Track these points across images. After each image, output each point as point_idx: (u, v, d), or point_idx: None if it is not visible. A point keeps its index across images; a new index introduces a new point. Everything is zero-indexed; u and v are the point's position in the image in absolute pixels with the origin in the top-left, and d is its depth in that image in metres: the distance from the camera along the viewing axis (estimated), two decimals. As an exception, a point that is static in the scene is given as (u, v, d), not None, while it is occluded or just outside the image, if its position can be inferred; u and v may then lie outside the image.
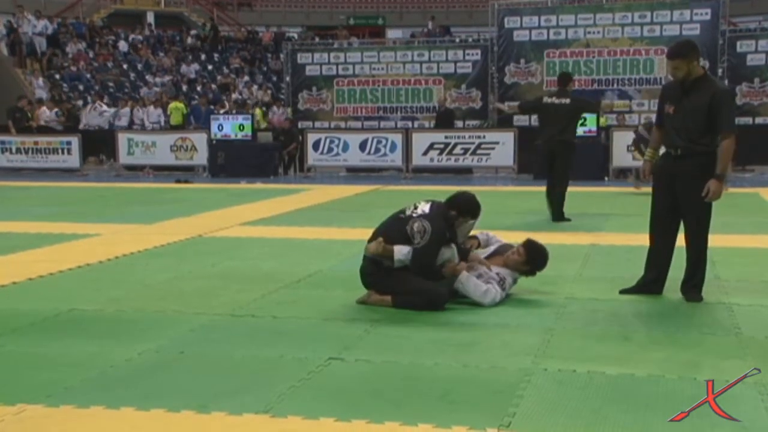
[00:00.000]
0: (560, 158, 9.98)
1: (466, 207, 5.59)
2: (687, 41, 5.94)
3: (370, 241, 5.61)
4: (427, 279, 5.45)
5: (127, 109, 22.01)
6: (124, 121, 21.67)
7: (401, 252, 5.41)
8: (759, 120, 18.34)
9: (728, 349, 4.52)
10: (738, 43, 18.56)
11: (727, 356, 4.40)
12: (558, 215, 9.95)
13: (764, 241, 8.27)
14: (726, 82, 18.39)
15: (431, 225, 5.39)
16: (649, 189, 6.11)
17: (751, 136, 17.22)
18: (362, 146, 18.41)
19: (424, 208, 5.57)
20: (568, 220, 9.85)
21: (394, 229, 5.54)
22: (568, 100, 10.04)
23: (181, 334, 4.93)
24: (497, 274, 5.68)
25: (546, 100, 10.35)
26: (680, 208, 5.72)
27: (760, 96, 18.47)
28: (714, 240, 7.93)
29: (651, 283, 5.88)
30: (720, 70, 18.45)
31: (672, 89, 5.85)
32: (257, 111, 21.81)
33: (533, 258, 5.79)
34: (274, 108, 22.24)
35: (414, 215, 5.50)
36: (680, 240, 5.88)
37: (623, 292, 5.91)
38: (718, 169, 5.53)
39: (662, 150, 5.99)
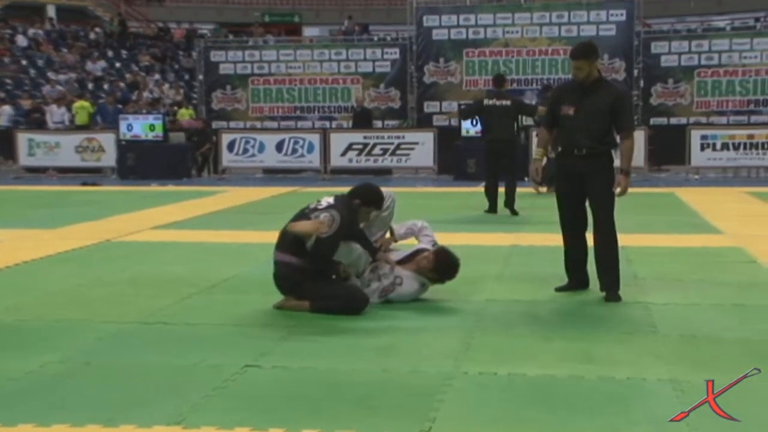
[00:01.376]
0: (507, 157, 10.73)
1: (368, 197, 5.71)
2: (589, 43, 6.27)
3: (277, 243, 5.59)
4: (325, 268, 5.51)
5: (6, 107, 21.37)
6: (4, 120, 21.04)
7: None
8: (673, 120, 18.92)
9: (645, 348, 4.65)
10: (652, 45, 19.14)
11: (644, 354, 4.52)
12: (513, 209, 10.73)
13: (680, 240, 8.54)
14: (641, 82, 18.99)
15: (339, 214, 5.44)
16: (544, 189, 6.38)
17: (666, 136, 17.82)
18: (279, 147, 18.30)
19: (329, 200, 5.62)
20: (517, 213, 10.65)
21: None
22: (509, 102, 10.77)
23: (87, 344, 4.80)
24: (396, 277, 5.71)
25: (487, 102, 10.97)
26: (589, 204, 6.01)
27: (674, 96, 19.07)
28: (631, 239, 8.18)
29: (580, 283, 6.14)
30: (636, 71, 19.00)
31: (568, 91, 6.20)
32: (183, 111, 21.38)
33: (441, 268, 5.80)
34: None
35: (319, 207, 5.53)
36: (589, 241, 6.05)
37: (559, 289, 6.11)
38: (624, 165, 5.96)
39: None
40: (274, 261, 5.59)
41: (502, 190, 10.78)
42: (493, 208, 10.83)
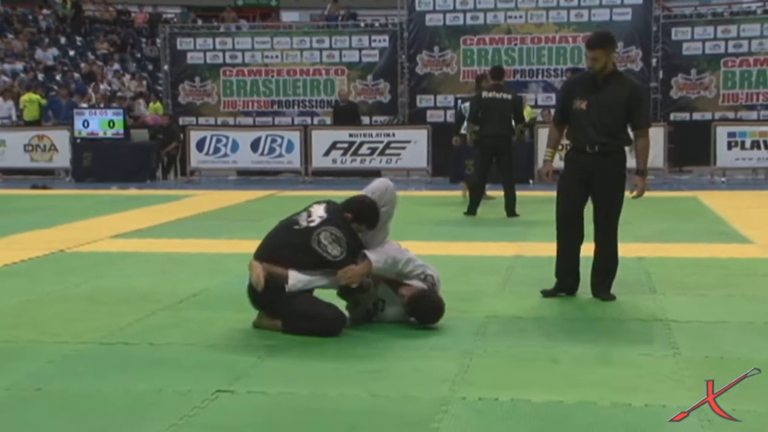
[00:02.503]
0: (505, 155, 11.15)
1: (363, 214, 5.52)
2: (607, 32, 6.58)
3: (256, 254, 5.54)
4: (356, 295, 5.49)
5: None
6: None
7: (297, 279, 5.32)
8: (696, 115, 19.00)
9: (665, 371, 4.67)
10: (673, 30, 19.22)
11: (665, 378, 4.54)
12: (512, 211, 11.13)
13: (704, 250, 8.58)
14: (660, 73, 19.06)
15: (341, 230, 5.40)
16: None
17: (688, 133, 17.88)
18: (254, 146, 18.30)
19: (320, 212, 5.53)
20: (518, 215, 11.02)
21: (289, 244, 5.45)
22: (509, 96, 11.23)
23: (37, 368, 4.79)
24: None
25: (486, 95, 11.26)
26: (593, 206, 6.20)
27: (698, 89, 19.15)
28: (649, 249, 8.23)
29: (569, 288, 6.34)
30: (654, 60, 19.07)
31: (580, 84, 6.35)
32: (152, 105, 21.31)
33: (413, 309, 5.56)
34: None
35: (312, 224, 5.46)
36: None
37: (547, 294, 6.32)
38: (641, 165, 6.20)
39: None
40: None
41: (494, 193, 11.18)
42: (473, 210, 11.06)
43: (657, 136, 17.05)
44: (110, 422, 3.93)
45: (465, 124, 12.28)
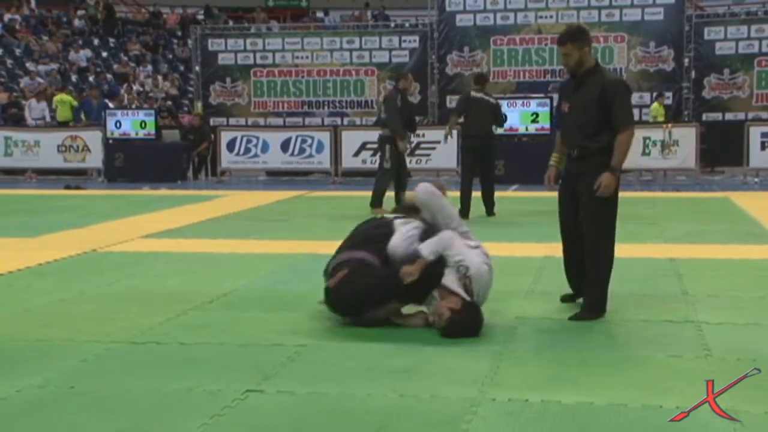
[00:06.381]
0: (488, 156, 11.49)
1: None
2: (578, 26, 6.33)
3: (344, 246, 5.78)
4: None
5: None
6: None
7: (428, 249, 5.52)
8: (729, 116, 18.85)
9: (697, 373, 4.63)
10: (706, 30, 19.07)
11: (696, 381, 4.49)
12: (491, 211, 11.48)
13: (736, 252, 8.51)
14: (693, 73, 18.92)
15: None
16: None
17: (720, 133, 17.75)
18: (284, 146, 18.36)
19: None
20: (494, 214, 11.42)
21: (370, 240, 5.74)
22: (492, 100, 11.70)
23: (70, 366, 4.83)
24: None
25: (474, 94, 11.65)
26: (580, 211, 5.88)
27: (731, 89, 18.99)
28: (680, 250, 8.17)
29: (581, 294, 6.07)
30: (686, 60, 18.93)
31: (567, 86, 6.26)
32: (198, 105, 21.44)
33: (450, 330, 5.45)
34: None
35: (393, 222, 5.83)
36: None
37: (564, 300, 6.23)
38: (614, 161, 5.70)
39: None
40: (338, 262, 5.66)
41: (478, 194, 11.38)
42: (465, 214, 10.95)
43: (689, 136, 16.97)
44: (141, 421, 3.96)
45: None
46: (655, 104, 18.70)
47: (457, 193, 11.13)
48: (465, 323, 5.38)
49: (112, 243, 9.25)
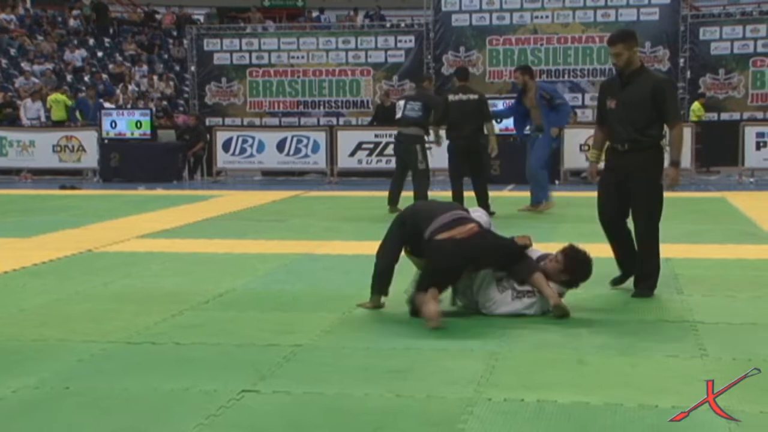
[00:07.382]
0: (476, 155, 11.38)
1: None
2: (628, 29, 6.79)
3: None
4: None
5: None
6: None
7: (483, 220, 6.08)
8: (725, 116, 18.90)
9: (693, 373, 4.63)
10: (701, 30, 19.12)
11: (692, 380, 4.50)
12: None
13: (732, 251, 8.52)
14: (688, 73, 18.96)
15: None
16: None
17: (716, 133, 17.77)
18: (280, 146, 18.36)
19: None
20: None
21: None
22: (475, 96, 11.48)
23: (66, 366, 4.83)
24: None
25: (452, 98, 11.49)
26: (631, 208, 6.32)
27: (726, 89, 19.04)
28: (676, 250, 8.16)
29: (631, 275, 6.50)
30: (682, 60, 18.96)
31: (611, 84, 6.52)
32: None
33: (573, 267, 5.84)
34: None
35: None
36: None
37: (613, 283, 6.58)
38: (674, 156, 6.30)
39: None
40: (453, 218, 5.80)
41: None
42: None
43: (684, 136, 16.94)
44: (137, 421, 3.95)
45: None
46: (696, 103, 18.69)
47: (449, 193, 11.15)
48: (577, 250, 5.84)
49: (107, 243, 9.25)
